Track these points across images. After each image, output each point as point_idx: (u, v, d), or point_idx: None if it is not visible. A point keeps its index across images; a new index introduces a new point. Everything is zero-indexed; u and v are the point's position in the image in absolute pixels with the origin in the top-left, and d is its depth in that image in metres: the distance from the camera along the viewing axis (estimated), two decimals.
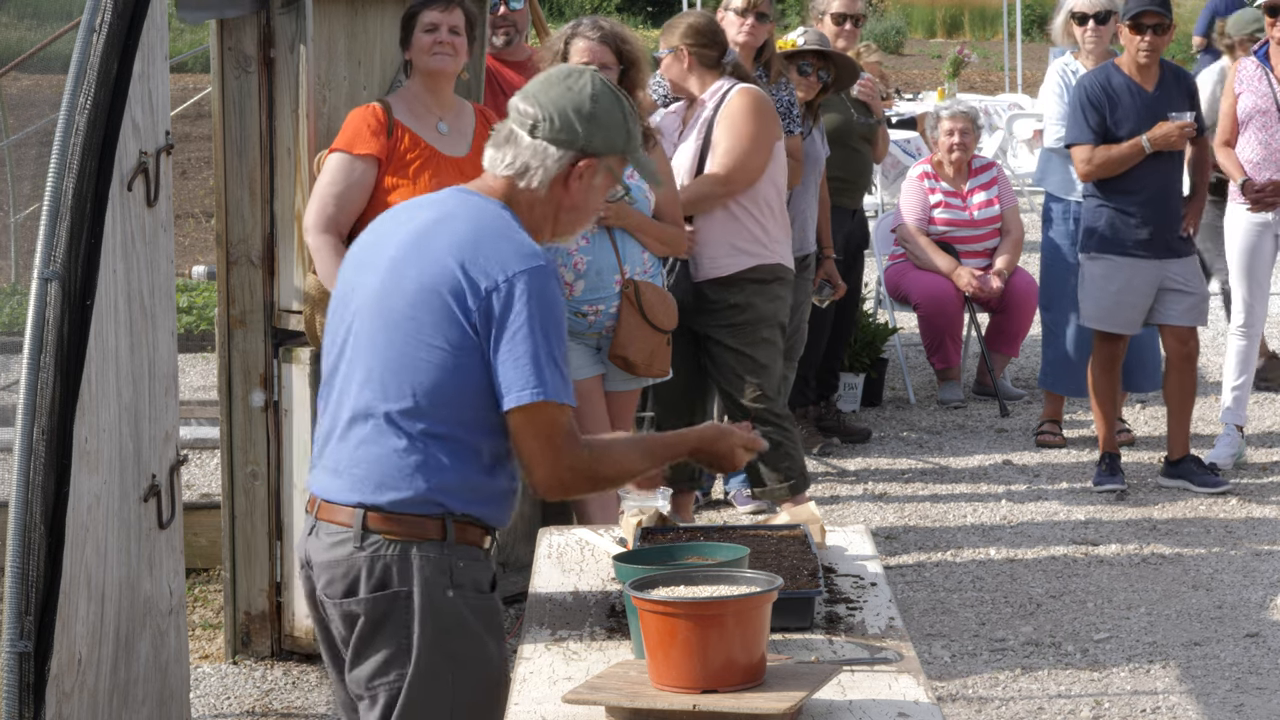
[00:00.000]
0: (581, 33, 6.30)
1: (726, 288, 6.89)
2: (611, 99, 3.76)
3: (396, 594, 3.68)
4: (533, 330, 3.61)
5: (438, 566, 3.68)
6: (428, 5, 5.86)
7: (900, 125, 15.44)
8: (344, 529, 3.71)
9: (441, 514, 3.69)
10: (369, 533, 3.69)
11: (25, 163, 11.95)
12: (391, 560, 3.68)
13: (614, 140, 3.76)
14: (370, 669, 3.72)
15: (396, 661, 3.70)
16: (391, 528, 3.68)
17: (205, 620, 6.63)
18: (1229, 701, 5.97)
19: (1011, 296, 9.61)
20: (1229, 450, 8.49)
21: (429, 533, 3.69)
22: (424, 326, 3.65)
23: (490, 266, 3.63)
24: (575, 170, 3.73)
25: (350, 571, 3.70)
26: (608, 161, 3.77)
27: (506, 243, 3.67)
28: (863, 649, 3.78)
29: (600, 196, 3.81)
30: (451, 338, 3.63)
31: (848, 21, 8.64)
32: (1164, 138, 7.86)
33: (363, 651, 3.73)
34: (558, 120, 3.71)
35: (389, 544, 3.68)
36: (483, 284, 3.62)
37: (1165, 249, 7.98)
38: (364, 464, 3.71)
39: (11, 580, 4.20)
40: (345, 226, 5.84)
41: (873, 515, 7.92)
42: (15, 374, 6.70)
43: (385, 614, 3.69)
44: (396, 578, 3.68)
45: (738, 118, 6.82)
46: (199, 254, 13.59)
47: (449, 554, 3.69)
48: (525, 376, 3.60)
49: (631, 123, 3.79)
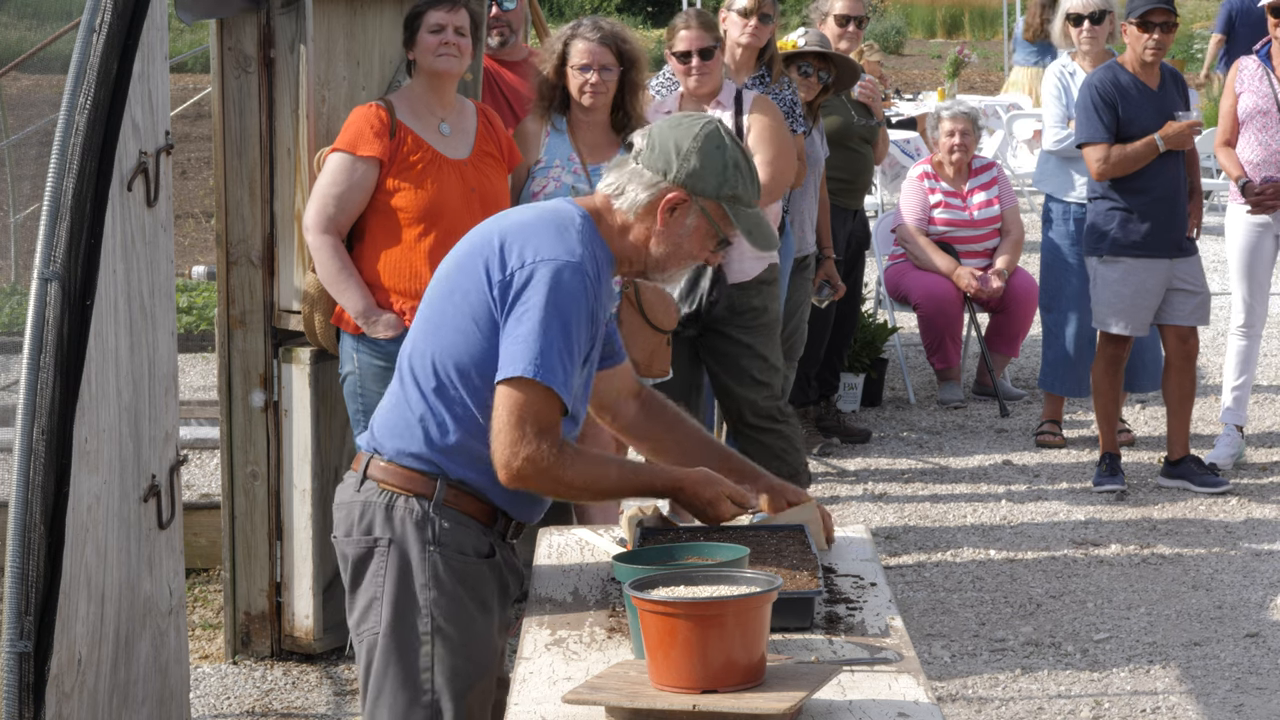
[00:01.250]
0: (581, 33, 6.31)
1: (747, 291, 6.95)
2: (719, 145, 3.78)
3: (376, 540, 3.85)
4: (543, 315, 3.68)
5: (418, 521, 3.82)
6: (433, 6, 5.85)
7: (900, 125, 15.43)
8: (353, 474, 3.92)
9: (435, 473, 3.82)
10: (366, 479, 3.87)
11: (25, 163, 11.95)
12: (378, 507, 3.84)
13: (707, 182, 3.77)
14: (356, 615, 3.90)
15: (374, 608, 3.85)
16: (385, 477, 3.85)
17: (205, 620, 6.63)
18: (1229, 701, 5.97)
19: (1011, 297, 9.61)
20: (1229, 450, 8.49)
21: (417, 488, 3.83)
22: (456, 289, 3.79)
23: (524, 249, 3.73)
24: (665, 202, 3.78)
25: (349, 514, 3.89)
26: (702, 203, 3.78)
27: (549, 234, 3.76)
28: (863, 649, 3.78)
29: (699, 242, 3.81)
30: (475, 306, 3.75)
31: (851, 23, 8.65)
32: (1177, 136, 7.87)
33: (351, 596, 3.91)
34: (657, 148, 3.80)
35: (380, 491, 3.85)
36: (511, 262, 3.72)
37: (1175, 248, 7.98)
38: (383, 412, 3.90)
39: (11, 580, 4.20)
40: (345, 227, 5.85)
41: (873, 515, 7.92)
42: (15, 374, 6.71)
43: (365, 558, 3.86)
44: (380, 524, 3.84)
45: (771, 127, 6.90)
46: (199, 254, 13.59)
47: (437, 513, 3.81)
48: (521, 353, 3.68)
49: (736, 175, 3.78)
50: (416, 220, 5.80)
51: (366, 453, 3.91)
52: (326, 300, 5.90)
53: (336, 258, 5.79)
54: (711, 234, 3.82)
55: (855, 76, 8.20)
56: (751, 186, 3.82)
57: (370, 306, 5.77)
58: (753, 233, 3.84)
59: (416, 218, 5.80)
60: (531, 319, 3.68)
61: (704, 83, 6.92)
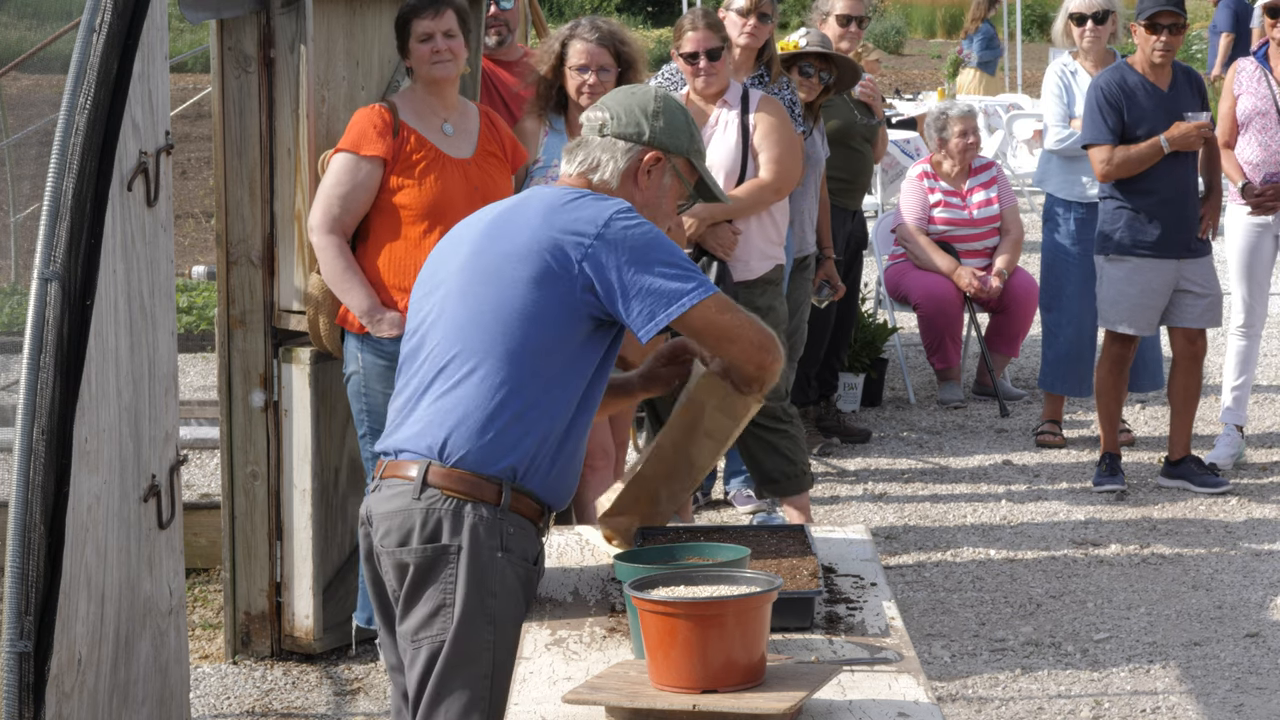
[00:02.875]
0: (580, 34, 6.32)
1: (753, 290, 6.96)
2: (675, 104, 3.96)
3: (446, 547, 3.81)
4: (651, 252, 3.75)
5: (490, 528, 3.81)
6: (417, 14, 5.84)
7: (900, 125, 15.44)
8: (405, 482, 3.84)
9: (501, 480, 3.81)
10: (427, 486, 3.81)
11: (25, 163, 11.95)
12: (445, 514, 3.81)
13: (679, 139, 3.94)
14: (416, 621, 3.84)
15: (441, 615, 3.82)
16: (450, 484, 3.81)
17: (205, 620, 6.63)
18: (1229, 701, 5.97)
19: (1011, 296, 9.61)
20: (1229, 450, 8.49)
21: (485, 494, 3.81)
22: (517, 283, 3.77)
23: (582, 225, 3.77)
24: (643, 164, 3.91)
25: (406, 522, 3.83)
26: (674, 161, 3.94)
27: (590, 202, 3.82)
28: (863, 649, 3.78)
29: (672, 200, 3.96)
30: (549, 294, 3.76)
31: (852, 23, 8.65)
32: (1183, 138, 7.85)
33: (410, 603, 3.85)
34: (624, 116, 3.92)
35: (445, 499, 3.81)
36: (587, 235, 3.75)
37: (1184, 249, 7.97)
38: (440, 414, 3.83)
39: (11, 580, 4.20)
40: (350, 227, 5.85)
41: (873, 515, 7.92)
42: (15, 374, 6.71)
43: (433, 566, 3.81)
44: (448, 532, 3.81)
45: (777, 126, 6.92)
46: (199, 254, 13.59)
47: (502, 519, 3.80)
48: (672, 288, 3.74)
49: (694, 130, 3.97)
50: (420, 218, 5.80)
51: (415, 459, 3.85)
52: (331, 303, 5.90)
53: (341, 257, 5.79)
54: (681, 191, 3.98)
55: (856, 77, 8.20)
56: (701, 138, 4.01)
57: (375, 305, 5.77)
58: (713, 187, 4.02)
59: (420, 215, 5.80)
60: (651, 259, 3.74)
61: (711, 83, 6.93)
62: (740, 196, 6.90)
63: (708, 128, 6.96)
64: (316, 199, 5.83)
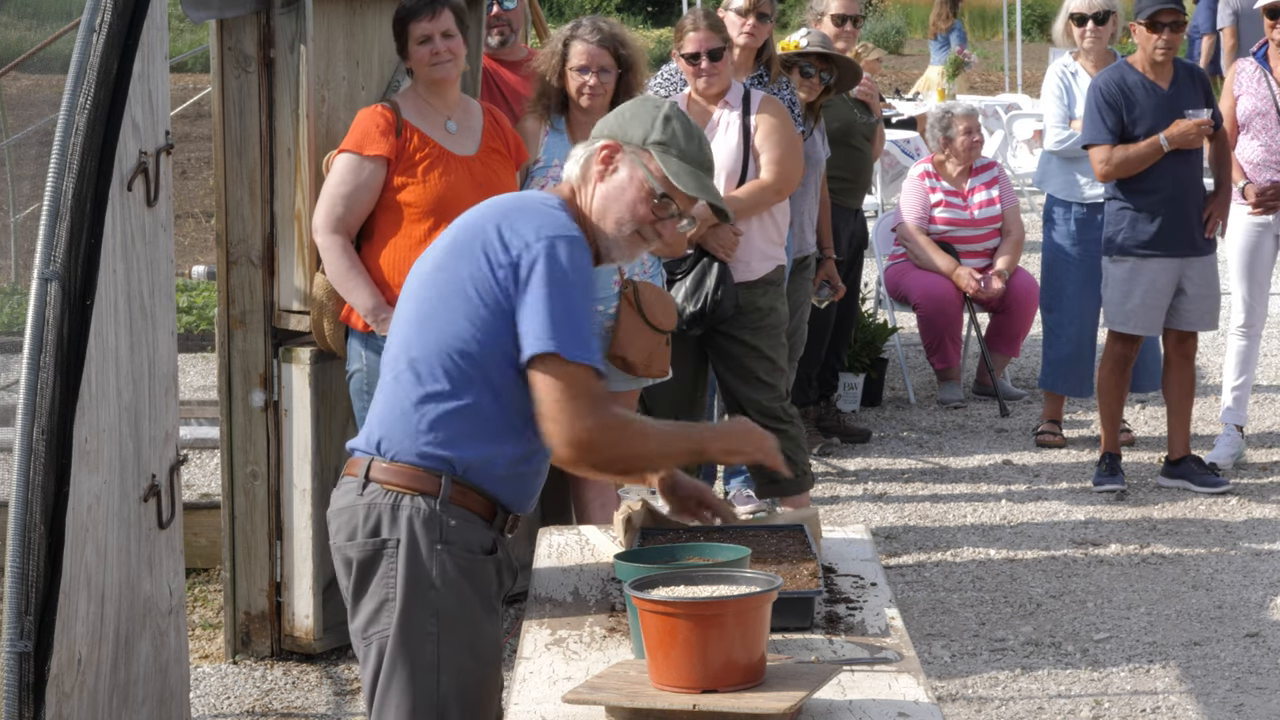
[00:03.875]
0: (581, 35, 6.32)
1: (754, 291, 6.97)
2: (655, 103, 3.85)
3: (385, 541, 3.80)
4: (555, 289, 3.66)
5: (427, 520, 3.77)
6: (414, 16, 5.84)
7: (900, 125, 15.44)
8: (353, 479, 3.85)
9: (441, 471, 3.77)
10: (370, 482, 3.81)
11: (25, 163, 11.95)
12: (384, 509, 3.80)
13: (634, 130, 3.81)
14: (363, 619, 3.84)
15: (384, 611, 3.81)
16: (388, 478, 3.80)
17: (205, 620, 6.63)
18: (1229, 701, 5.97)
19: (1012, 296, 9.61)
20: (1229, 450, 8.49)
21: (424, 486, 3.78)
22: (455, 277, 3.75)
23: (524, 230, 3.72)
24: (599, 152, 3.82)
25: (351, 518, 3.84)
26: (632, 152, 3.80)
27: (542, 213, 3.76)
28: (863, 649, 3.78)
29: (635, 195, 3.78)
30: (482, 292, 3.71)
31: (847, 23, 8.65)
32: (1182, 136, 7.84)
33: (357, 599, 3.86)
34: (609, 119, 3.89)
35: (385, 493, 3.80)
36: (514, 244, 3.70)
37: (1188, 247, 7.95)
38: (380, 413, 3.84)
39: (11, 580, 4.20)
40: (354, 227, 5.85)
41: (873, 515, 7.92)
42: (15, 374, 6.71)
43: (373, 561, 3.81)
44: (387, 525, 3.80)
45: (779, 127, 6.92)
46: (199, 254, 13.59)
47: (441, 510, 3.77)
48: (541, 327, 3.66)
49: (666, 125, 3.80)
50: (425, 215, 5.80)
51: (363, 456, 3.86)
52: (335, 304, 5.91)
53: (345, 257, 5.80)
54: (646, 185, 3.79)
55: (857, 77, 8.20)
56: (689, 142, 3.80)
57: (380, 304, 5.77)
58: (680, 177, 3.78)
59: (425, 213, 5.80)
60: (546, 295, 3.67)
61: (713, 84, 6.93)
62: (741, 197, 6.90)
63: (709, 128, 6.96)
64: (320, 199, 5.83)
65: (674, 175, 3.78)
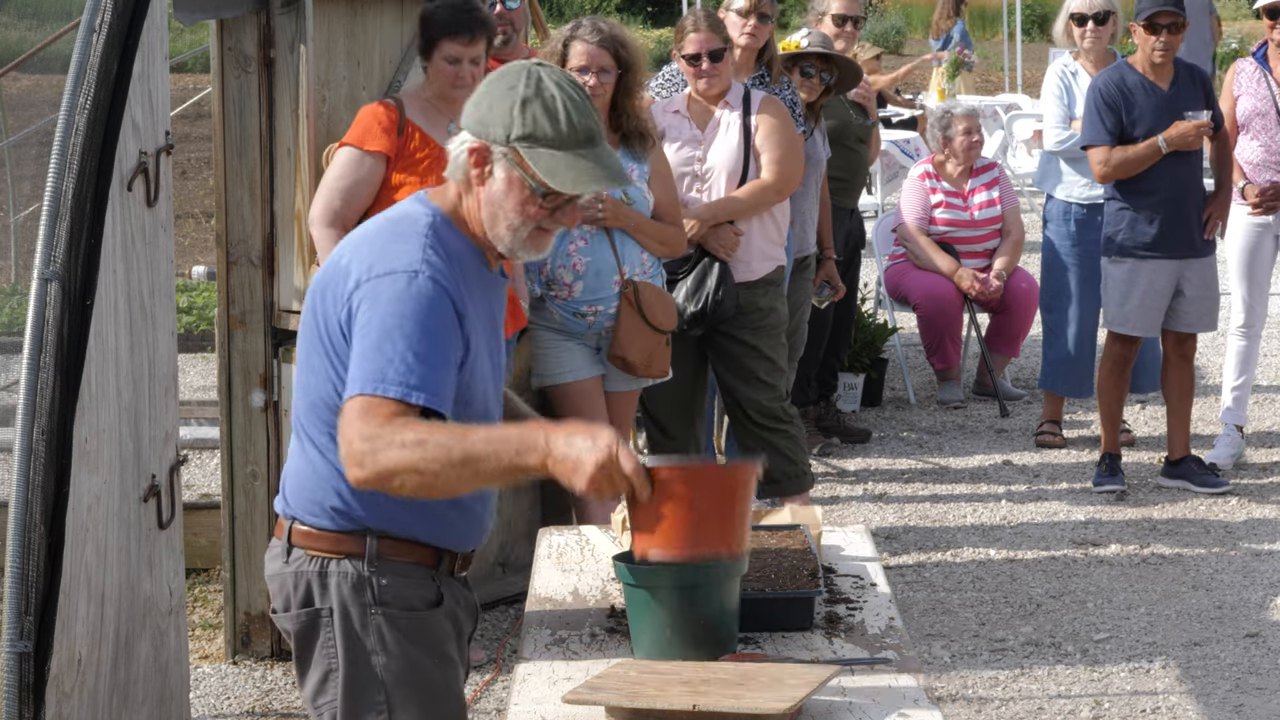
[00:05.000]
0: (580, 35, 6.31)
1: (754, 291, 6.98)
2: (510, 85, 3.41)
3: (318, 611, 3.54)
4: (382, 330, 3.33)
5: (355, 585, 3.51)
6: (450, 34, 5.82)
7: (900, 125, 15.45)
8: (278, 542, 3.61)
9: (360, 530, 3.51)
10: (293, 547, 3.56)
11: (25, 163, 11.95)
12: (312, 576, 3.54)
13: (494, 127, 3.41)
14: (310, 689, 3.60)
15: (330, 680, 3.56)
16: (311, 543, 3.54)
17: (205, 620, 6.63)
18: (1229, 701, 5.97)
19: (1012, 297, 9.62)
20: (1229, 450, 8.49)
21: (347, 548, 3.52)
22: (317, 326, 3.49)
23: (359, 267, 3.41)
24: (470, 160, 3.44)
25: (282, 587, 3.59)
26: (500, 152, 3.41)
27: (385, 246, 3.43)
28: (863, 649, 3.78)
29: (517, 197, 3.42)
30: (335, 336, 3.43)
31: (848, 23, 8.66)
32: (1181, 137, 7.84)
33: (302, 670, 3.61)
34: (471, 106, 3.49)
35: (310, 559, 3.55)
36: (348, 284, 3.40)
37: (1188, 248, 7.95)
38: (290, 478, 3.59)
39: (11, 580, 4.20)
40: (350, 221, 5.85)
41: (873, 515, 7.92)
42: (15, 374, 6.70)
43: (309, 632, 3.56)
44: (318, 595, 3.54)
45: (779, 127, 6.93)
46: (199, 254, 13.59)
47: (370, 572, 3.50)
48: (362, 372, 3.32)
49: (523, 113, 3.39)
50: None
51: (285, 519, 3.59)
52: None
53: None
54: (526, 186, 3.39)
55: (857, 78, 8.21)
56: (555, 123, 3.38)
57: None
58: (555, 174, 3.37)
59: None
60: (371, 336, 3.33)
61: (713, 84, 6.93)
62: (742, 198, 6.91)
63: (710, 128, 6.96)
64: (318, 192, 5.84)
65: (548, 174, 3.38)
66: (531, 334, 6.32)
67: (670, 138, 6.89)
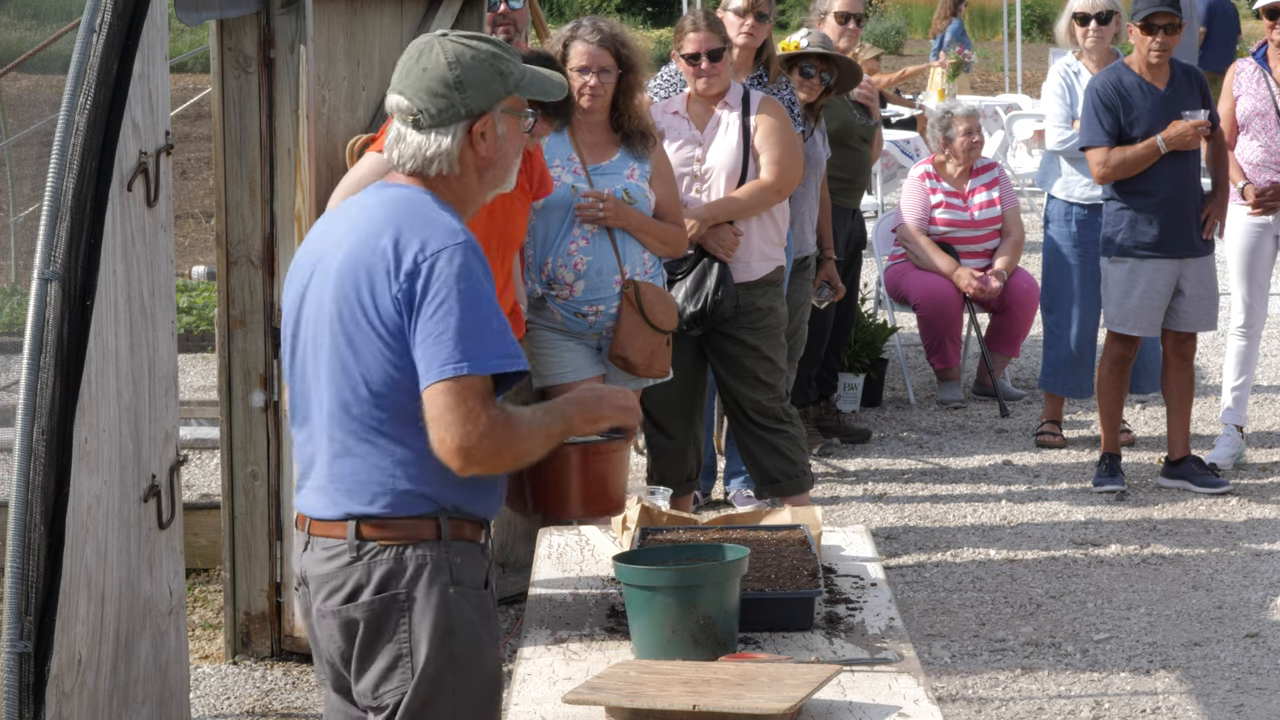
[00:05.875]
0: (581, 35, 6.32)
1: (754, 291, 6.98)
2: (470, 55, 3.67)
3: (395, 596, 3.59)
4: (461, 305, 3.51)
5: (436, 565, 3.59)
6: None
7: (900, 125, 15.45)
8: (339, 542, 3.64)
9: (434, 512, 3.61)
10: (364, 541, 3.61)
11: (25, 163, 11.95)
12: (390, 564, 3.60)
13: (492, 91, 3.67)
14: (375, 677, 3.64)
15: (399, 666, 3.61)
16: (385, 533, 3.60)
17: (205, 620, 6.63)
18: (1229, 702, 5.97)
19: (1012, 297, 9.61)
20: (1229, 450, 8.49)
21: (424, 533, 3.60)
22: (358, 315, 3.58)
23: (409, 247, 3.55)
24: (474, 135, 3.67)
25: (348, 581, 3.63)
26: (501, 108, 3.69)
27: (428, 220, 3.60)
28: (863, 649, 3.78)
29: (514, 140, 3.72)
30: (389, 323, 3.55)
31: (850, 21, 8.66)
32: (1179, 137, 7.84)
33: (366, 660, 3.65)
34: (432, 106, 3.65)
35: (385, 549, 3.60)
36: (405, 265, 3.53)
37: (1187, 248, 7.95)
38: (344, 477, 3.64)
39: (11, 580, 4.20)
40: None
41: (873, 515, 7.92)
42: (15, 374, 6.71)
43: (384, 618, 3.61)
44: (395, 581, 3.60)
45: (778, 127, 6.94)
46: (199, 254, 13.59)
47: (446, 551, 3.60)
48: (449, 352, 3.49)
49: (503, 64, 3.68)
50: None
51: (343, 520, 3.64)
52: None
53: None
54: (518, 122, 3.73)
55: (857, 78, 8.21)
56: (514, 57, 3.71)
57: None
58: (547, 89, 3.77)
59: None
60: (453, 313, 3.51)
61: (713, 84, 6.94)
62: (742, 198, 6.91)
63: (709, 129, 6.96)
64: (340, 185, 5.80)
65: (544, 94, 3.77)
66: (532, 334, 6.32)
67: (669, 138, 6.89)
